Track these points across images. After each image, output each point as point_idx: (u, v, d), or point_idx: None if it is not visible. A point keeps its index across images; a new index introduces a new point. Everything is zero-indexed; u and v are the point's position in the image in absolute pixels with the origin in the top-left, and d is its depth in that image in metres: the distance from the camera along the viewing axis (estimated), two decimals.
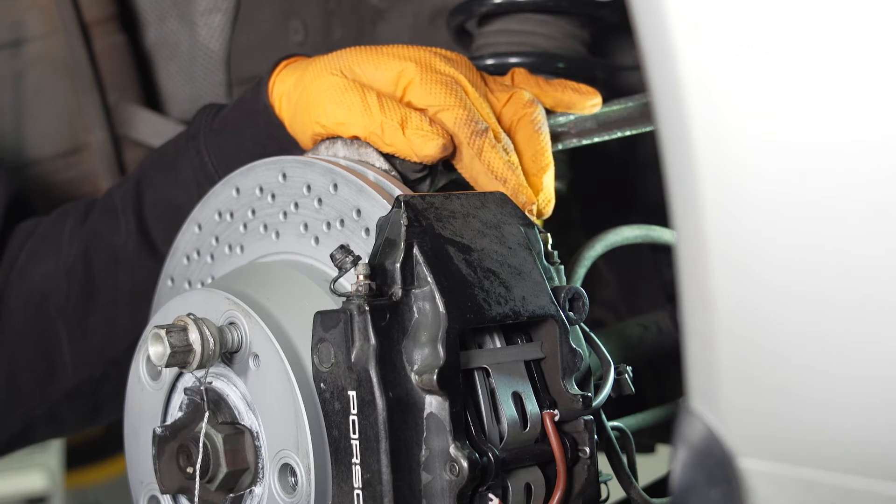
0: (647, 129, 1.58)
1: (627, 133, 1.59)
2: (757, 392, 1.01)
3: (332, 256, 1.30)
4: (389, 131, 1.45)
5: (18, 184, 1.94)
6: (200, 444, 1.36)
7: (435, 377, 1.25)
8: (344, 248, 1.29)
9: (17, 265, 1.81)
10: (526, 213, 1.44)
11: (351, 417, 1.27)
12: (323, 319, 1.29)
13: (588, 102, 1.57)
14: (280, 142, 1.58)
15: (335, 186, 1.42)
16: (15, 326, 1.80)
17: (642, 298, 2.05)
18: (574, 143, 1.60)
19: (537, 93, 1.55)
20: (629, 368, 1.46)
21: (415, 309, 1.28)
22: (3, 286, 1.80)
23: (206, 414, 1.38)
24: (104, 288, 1.76)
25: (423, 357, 1.27)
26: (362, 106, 1.47)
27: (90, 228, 1.77)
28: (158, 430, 1.42)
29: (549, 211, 1.49)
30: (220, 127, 1.66)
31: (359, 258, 1.29)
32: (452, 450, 1.25)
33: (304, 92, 1.52)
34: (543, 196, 1.48)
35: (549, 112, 1.57)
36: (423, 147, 1.45)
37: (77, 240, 1.77)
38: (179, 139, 1.72)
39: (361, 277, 1.27)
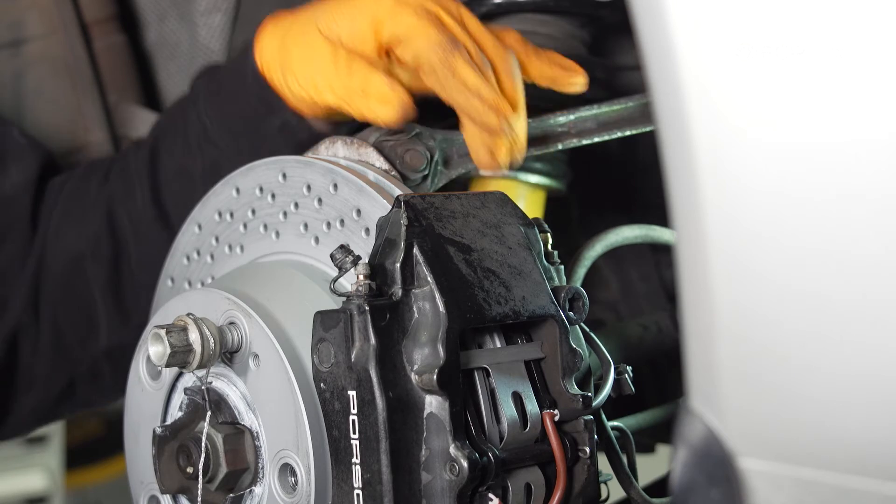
0: (647, 129, 1.58)
1: (627, 133, 1.59)
2: (757, 392, 1.01)
3: (332, 256, 1.30)
4: (356, 99, 1.46)
5: (48, 151, 1.94)
6: (203, 444, 1.36)
7: (435, 377, 1.25)
8: (344, 248, 1.29)
9: (53, 224, 1.82)
10: (502, 141, 1.42)
11: (351, 417, 1.27)
12: (323, 319, 1.29)
13: (570, 79, 1.55)
14: (271, 105, 1.59)
15: (335, 186, 1.42)
16: (56, 284, 1.81)
17: (642, 298, 2.05)
18: (574, 143, 1.60)
19: (523, 59, 1.54)
20: (629, 368, 1.46)
21: (415, 309, 1.28)
22: (42, 247, 1.81)
23: (209, 414, 1.38)
24: (126, 252, 1.77)
25: (423, 357, 1.27)
26: (333, 70, 1.47)
27: (109, 194, 1.78)
28: (158, 430, 1.42)
29: (520, 158, 1.46)
30: (216, 90, 1.67)
31: (359, 258, 1.29)
32: (452, 450, 1.25)
33: (287, 56, 1.54)
34: (515, 141, 1.45)
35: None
36: (381, 112, 1.44)
37: (101, 201, 1.79)
38: (183, 103, 1.74)
39: (361, 277, 1.27)
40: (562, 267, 1.43)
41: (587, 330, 1.43)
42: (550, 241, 1.43)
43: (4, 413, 1.90)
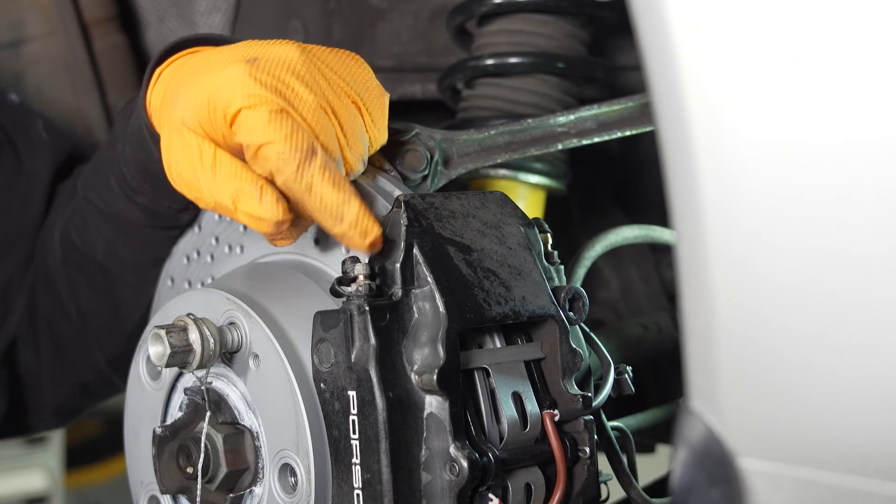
0: (647, 129, 1.58)
1: (627, 133, 1.59)
2: (757, 392, 1.01)
3: (343, 263, 1.30)
4: (227, 210, 1.30)
5: (71, 144, 1.88)
6: (202, 444, 1.36)
7: (435, 377, 1.25)
8: (354, 259, 1.29)
9: (40, 233, 1.80)
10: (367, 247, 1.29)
11: (351, 417, 1.27)
12: (323, 319, 1.29)
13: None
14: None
15: None
16: (45, 294, 1.79)
17: (642, 298, 2.05)
18: (574, 143, 1.60)
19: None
20: (629, 368, 1.47)
21: (415, 309, 1.28)
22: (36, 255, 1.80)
23: (208, 414, 1.38)
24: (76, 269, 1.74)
25: (423, 357, 1.27)
26: (200, 173, 1.30)
27: (71, 208, 1.73)
28: (158, 430, 1.42)
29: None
30: (122, 137, 1.55)
31: (355, 277, 1.28)
32: (452, 450, 1.26)
33: (167, 143, 1.37)
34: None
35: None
36: (255, 227, 1.29)
37: (63, 212, 1.75)
38: (109, 142, 1.62)
39: (361, 277, 1.27)
40: (562, 267, 1.43)
41: (587, 330, 1.43)
42: (550, 241, 1.43)
43: (22, 411, 1.89)
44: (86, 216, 1.67)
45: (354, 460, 1.27)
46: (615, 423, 1.50)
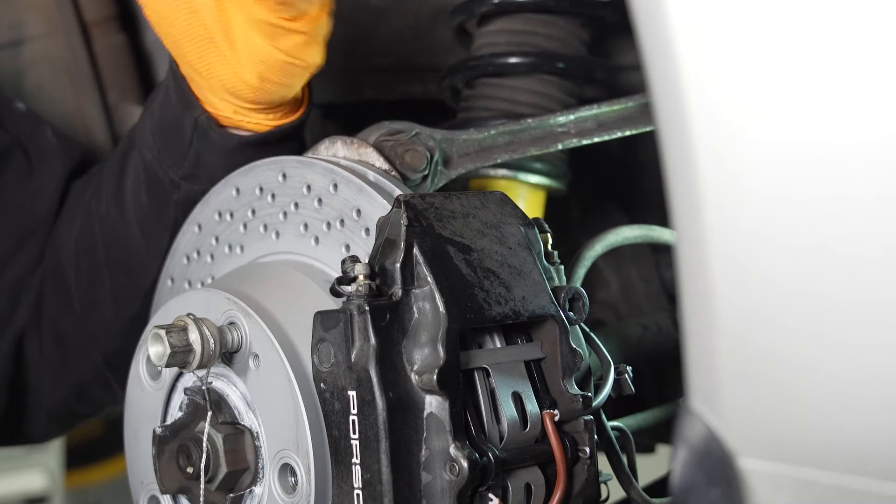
0: (647, 129, 1.58)
1: (627, 133, 1.59)
2: (757, 392, 1.01)
3: (343, 263, 1.30)
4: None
5: (81, 148, 1.93)
6: (204, 444, 1.36)
7: (435, 377, 1.25)
8: (354, 258, 1.29)
9: (54, 230, 1.82)
10: None
11: (351, 417, 1.27)
12: (323, 319, 1.29)
13: None
14: (187, 101, 1.56)
15: (335, 186, 1.42)
16: (52, 290, 1.81)
17: (642, 298, 2.05)
18: (574, 143, 1.60)
19: None
20: (629, 368, 1.47)
21: (415, 309, 1.28)
22: (48, 252, 1.82)
23: (209, 414, 1.38)
24: (97, 260, 1.76)
25: (423, 357, 1.27)
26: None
27: (88, 199, 1.77)
28: (158, 430, 1.42)
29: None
30: (156, 92, 1.62)
31: (356, 277, 1.28)
32: (452, 450, 1.25)
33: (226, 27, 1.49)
34: None
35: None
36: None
37: (83, 206, 1.78)
38: (149, 100, 1.68)
39: (361, 277, 1.27)
40: (562, 267, 1.43)
41: (587, 330, 1.43)
42: (550, 241, 1.43)
43: (20, 412, 1.90)
44: (101, 195, 1.70)
45: (354, 460, 1.27)
46: (615, 423, 1.50)
